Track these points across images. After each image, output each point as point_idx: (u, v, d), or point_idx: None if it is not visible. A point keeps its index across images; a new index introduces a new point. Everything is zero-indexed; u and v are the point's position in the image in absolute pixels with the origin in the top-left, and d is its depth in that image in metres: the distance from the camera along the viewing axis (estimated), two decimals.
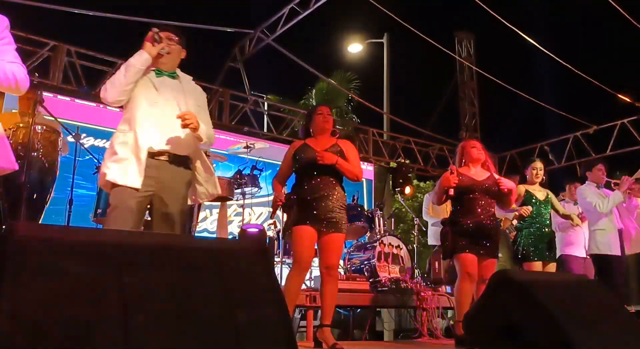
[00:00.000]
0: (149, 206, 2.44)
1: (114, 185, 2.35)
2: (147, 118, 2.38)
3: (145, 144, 2.35)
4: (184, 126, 2.38)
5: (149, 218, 2.58)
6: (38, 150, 3.67)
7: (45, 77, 6.13)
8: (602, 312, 2.09)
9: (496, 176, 3.46)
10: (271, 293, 1.32)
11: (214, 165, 4.73)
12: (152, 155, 2.37)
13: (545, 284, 2.03)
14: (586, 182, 4.66)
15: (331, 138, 3.13)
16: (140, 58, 2.40)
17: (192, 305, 1.18)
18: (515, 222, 4.13)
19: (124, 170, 2.33)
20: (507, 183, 3.39)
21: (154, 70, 2.50)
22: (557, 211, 4.15)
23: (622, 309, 2.42)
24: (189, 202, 2.64)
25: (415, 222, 5.91)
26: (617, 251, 4.41)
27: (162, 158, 2.40)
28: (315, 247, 3.04)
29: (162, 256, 1.22)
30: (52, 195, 3.87)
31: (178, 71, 2.60)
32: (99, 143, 6.11)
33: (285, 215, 3.13)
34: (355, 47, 10.96)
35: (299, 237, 2.93)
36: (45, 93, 4.05)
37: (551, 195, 4.12)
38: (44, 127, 3.70)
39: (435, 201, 3.54)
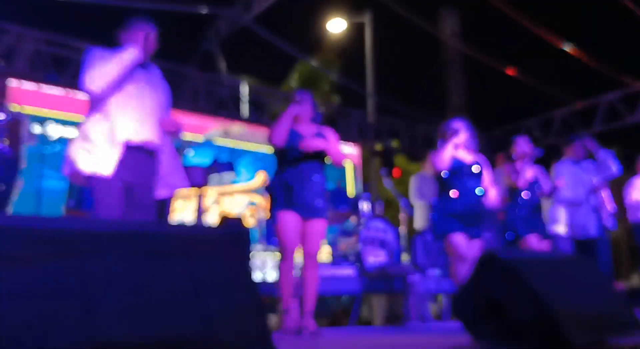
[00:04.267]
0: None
1: (88, 177, 2.37)
2: (125, 109, 2.43)
3: (122, 135, 2.40)
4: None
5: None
6: (3, 141, 3.57)
7: (10, 66, 5.89)
8: (586, 288, 2.10)
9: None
10: (243, 278, 1.29)
11: (192, 152, 4.59)
12: (130, 146, 2.42)
13: (531, 261, 2.05)
14: (564, 157, 4.53)
15: (312, 124, 3.13)
16: (131, 58, 2.42)
17: (161, 293, 1.14)
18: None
19: (96, 157, 2.36)
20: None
21: None
22: None
23: (608, 285, 2.43)
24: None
25: (401, 206, 5.80)
26: (592, 232, 4.31)
27: (138, 149, 2.46)
28: None
29: (128, 243, 1.18)
30: (19, 186, 3.75)
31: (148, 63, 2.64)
32: (69, 131, 5.87)
33: (270, 198, 3.03)
34: (336, 27, 10.72)
35: (284, 223, 2.89)
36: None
37: None
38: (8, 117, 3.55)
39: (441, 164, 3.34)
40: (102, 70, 2.38)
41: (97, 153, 2.36)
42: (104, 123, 2.40)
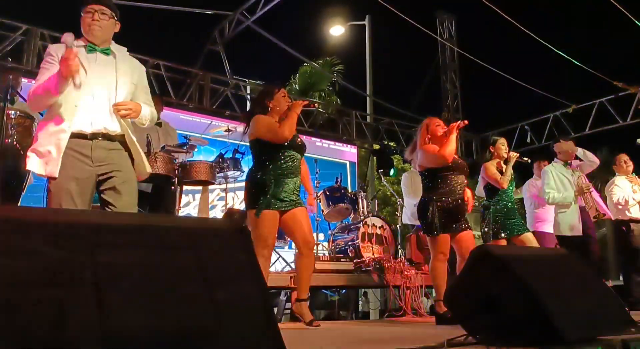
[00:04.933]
0: (98, 188, 2.40)
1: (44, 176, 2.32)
2: (74, 102, 2.32)
3: (70, 128, 2.30)
4: (122, 116, 2.38)
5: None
6: (12, 135, 3.59)
7: (18, 62, 5.98)
8: (579, 285, 2.12)
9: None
10: (249, 270, 1.31)
11: (196, 148, 4.72)
12: (85, 137, 2.34)
13: (524, 258, 2.06)
14: (554, 160, 4.67)
15: None
16: (59, 86, 2.26)
17: (169, 283, 1.16)
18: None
19: (44, 159, 2.28)
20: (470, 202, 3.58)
21: (85, 46, 2.40)
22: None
23: (599, 282, 2.46)
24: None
25: (399, 203, 5.95)
26: (578, 232, 4.41)
27: (99, 139, 2.36)
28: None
29: (137, 235, 1.20)
30: (29, 182, 3.80)
31: (113, 45, 2.50)
32: None
33: (250, 192, 3.03)
34: (337, 30, 10.87)
35: (268, 220, 2.92)
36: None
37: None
38: (18, 112, 3.61)
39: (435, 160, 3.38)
40: (35, 98, 2.31)
41: (43, 154, 2.28)
42: (51, 121, 2.31)
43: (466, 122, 3.51)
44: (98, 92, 2.38)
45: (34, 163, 2.31)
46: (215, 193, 6.29)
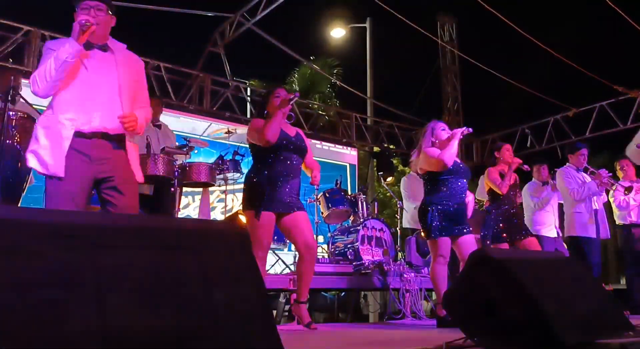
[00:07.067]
0: (95, 188, 2.37)
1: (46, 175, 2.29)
2: (75, 100, 2.29)
3: (72, 127, 2.27)
4: (127, 130, 2.35)
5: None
6: (13, 137, 3.59)
7: (19, 63, 5.99)
8: (577, 289, 2.12)
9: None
10: (248, 272, 1.32)
11: (196, 150, 4.73)
12: (85, 135, 2.30)
13: (522, 261, 2.05)
14: (567, 164, 4.77)
15: (288, 123, 3.11)
16: (72, 51, 2.24)
17: (169, 284, 1.17)
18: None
19: (47, 158, 2.25)
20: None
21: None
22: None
23: (598, 286, 2.50)
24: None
25: (399, 206, 5.95)
26: (592, 234, 4.50)
27: (97, 138, 2.33)
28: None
29: (138, 237, 1.21)
30: (29, 183, 3.81)
31: (110, 41, 2.46)
32: None
33: (246, 194, 3.05)
34: (338, 32, 10.91)
35: (264, 222, 2.91)
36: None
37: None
38: (19, 113, 3.62)
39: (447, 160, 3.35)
40: (42, 70, 2.25)
41: (45, 152, 2.25)
42: (52, 118, 2.29)
43: (470, 129, 3.51)
44: (99, 89, 2.34)
45: (35, 162, 2.27)
46: (215, 195, 6.30)
